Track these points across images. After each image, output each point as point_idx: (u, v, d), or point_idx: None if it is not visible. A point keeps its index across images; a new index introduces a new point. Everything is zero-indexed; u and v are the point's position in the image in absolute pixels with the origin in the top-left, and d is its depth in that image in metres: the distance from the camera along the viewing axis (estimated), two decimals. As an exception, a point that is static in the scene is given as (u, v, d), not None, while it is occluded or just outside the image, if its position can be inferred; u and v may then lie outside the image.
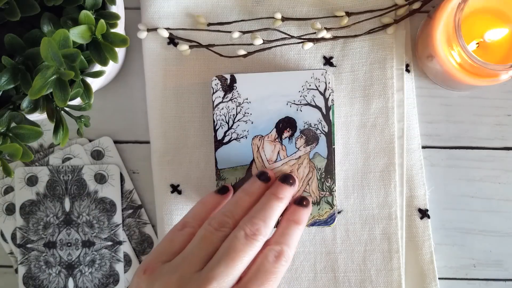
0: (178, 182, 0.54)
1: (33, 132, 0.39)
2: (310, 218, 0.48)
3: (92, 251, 0.54)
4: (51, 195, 0.54)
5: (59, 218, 0.54)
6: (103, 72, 0.42)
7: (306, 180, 0.48)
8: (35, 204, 0.54)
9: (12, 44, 0.39)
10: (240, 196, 0.44)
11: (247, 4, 0.54)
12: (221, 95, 0.49)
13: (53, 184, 0.54)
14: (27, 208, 0.54)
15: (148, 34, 0.53)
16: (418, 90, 0.55)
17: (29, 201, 0.54)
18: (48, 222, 0.54)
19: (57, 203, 0.54)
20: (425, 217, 0.53)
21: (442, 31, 0.47)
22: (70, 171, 0.54)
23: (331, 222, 0.49)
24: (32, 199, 0.54)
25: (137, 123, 0.56)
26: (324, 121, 0.48)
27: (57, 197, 0.54)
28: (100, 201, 0.54)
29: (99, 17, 0.40)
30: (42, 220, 0.54)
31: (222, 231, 0.41)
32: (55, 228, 0.54)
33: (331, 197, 0.48)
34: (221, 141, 0.49)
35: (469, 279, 0.55)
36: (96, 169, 0.55)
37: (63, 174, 0.54)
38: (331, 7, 0.53)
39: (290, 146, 0.48)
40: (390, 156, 0.53)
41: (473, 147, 0.55)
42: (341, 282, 0.53)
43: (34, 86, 0.36)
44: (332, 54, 0.54)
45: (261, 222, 0.41)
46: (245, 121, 0.49)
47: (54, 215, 0.54)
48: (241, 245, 0.39)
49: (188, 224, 0.43)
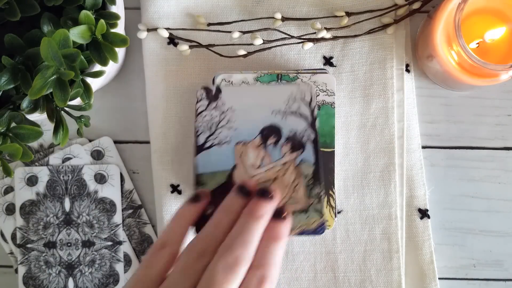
0: (178, 182, 0.54)
1: (33, 132, 0.39)
2: (298, 227, 0.47)
3: (92, 251, 0.54)
4: (51, 195, 0.54)
5: (59, 218, 0.54)
6: (103, 72, 0.42)
7: (292, 186, 0.47)
8: (35, 204, 0.54)
9: (12, 44, 0.39)
10: (220, 217, 0.41)
11: (247, 4, 0.54)
12: (205, 103, 0.48)
13: (53, 184, 0.54)
14: (27, 208, 0.54)
15: (148, 34, 0.53)
16: (418, 90, 0.55)
17: (29, 201, 0.54)
18: (48, 222, 0.54)
19: (57, 203, 0.54)
20: (425, 217, 0.53)
21: (442, 31, 0.47)
22: (70, 171, 0.54)
23: (321, 231, 0.46)
24: (32, 199, 0.54)
25: (137, 123, 0.56)
26: (310, 129, 0.47)
27: (57, 197, 0.54)
28: (100, 201, 0.54)
29: (99, 17, 0.40)
30: (42, 220, 0.54)
31: (202, 261, 0.38)
32: (55, 228, 0.54)
33: (320, 205, 0.47)
34: (201, 146, 0.48)
35: (469, 279, 0.55)
36: (96, 169, 0.55)
37: (63, 174, 0.54)
38: (331, 7, 0.53)
39: (275, 153, 0.47)
40: (390, 156, 0.53)
41: (473, 147, 0.55)
42: (341, 282, 0.53)
43: (34, 86, 0.36)
44: (332, 54, 0.54)
45: (240, 248, 0.38)
46: (228, 128, 0.47)
47: (54, 215, 0.54)
48: (222, 277, 0.37)
49: (167, 243, 0.40)
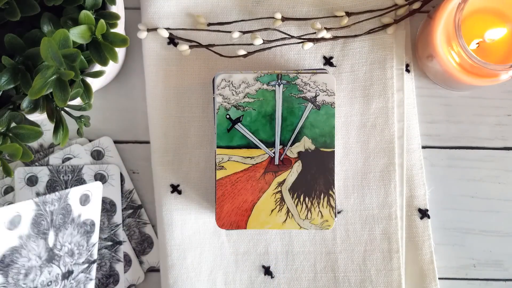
0: (178, 182, 0.54)
1: (33, 132, 0.39)
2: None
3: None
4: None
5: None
6: (103, 72, 0.42)
7: None
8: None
9: (12, 44, 0.39)
10: None
11: (247, 4, 0.54)
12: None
13: (53, 184, 0.54)
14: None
15: (148, 34, 0.53)
16: (418, 90, 0.55)
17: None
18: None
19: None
20: (425, 217, 0.53)
21: (442, 31, 0.47)
22: (70, 171, 0.54)
23: None
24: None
25: (137, 123, 0.56)
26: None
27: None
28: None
29: (99, 17, 0.40)
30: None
31: None
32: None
33: None
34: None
35: (469, 279, 0.55)
36: (96, 169, 0.54)
37: (63, 174, 0.54)
38: (331, 7, 0.53)
39: None
40: (390, 156, 0.53)
41: (473, 147, 0.55)
42: (341, 282, 0.53)
43: (34, 86, 0.36)
44: (332, 54, 0.54)
45: None
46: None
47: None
48: None
49: None
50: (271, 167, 0.49)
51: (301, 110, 0.49)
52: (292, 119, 0.49)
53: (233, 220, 0.49)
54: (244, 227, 0.49)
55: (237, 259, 0.54)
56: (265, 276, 0.54)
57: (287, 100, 0.49)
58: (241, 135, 0.49)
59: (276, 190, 0.49)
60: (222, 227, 0.49)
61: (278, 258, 0.54)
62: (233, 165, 0.49)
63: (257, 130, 0.49)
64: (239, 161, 0.49)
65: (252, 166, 0.49)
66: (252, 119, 0.49)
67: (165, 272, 0.54)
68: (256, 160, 0.49)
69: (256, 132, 0.49)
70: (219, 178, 0.49)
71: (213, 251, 0.54)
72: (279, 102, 0.49)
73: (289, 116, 0.49)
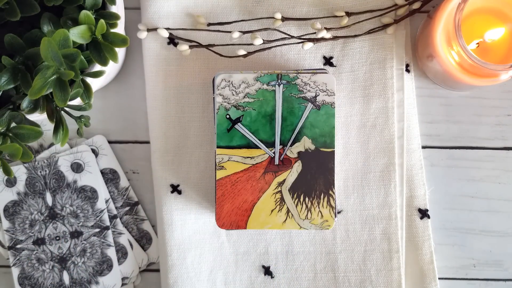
0: (178, 182, 0.54)
1: (33, 132, 0.39)
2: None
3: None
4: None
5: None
6: (103, 72, 0.42)
7: None
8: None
9: (12, 44, 0.39)
10: None
11: (247, 4, 0.54)
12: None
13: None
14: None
15: (148, 34, 0.53)
16: (418, 90, 0.55)
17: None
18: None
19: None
20: (425, 217, 0.53)
21: (442, 31, 0.47)
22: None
23: None
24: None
25: (137, 123, 0.56)
26: None
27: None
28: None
29: (99, 17, 0.40)
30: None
31: None
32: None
33: None
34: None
35: (469, 279, 0.55)
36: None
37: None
38: (331, 7, 0.53)
39: None
40: (390, 156, 0.53)
41: (473, 147, 0.55)
42: (341, 282, 0.53)
43: (34, 86, 0.36)
44: (332, 54, 0.54)
45: None
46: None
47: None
48: None
49: None
50: (271, 167, 0.49)
51: (301, 110, 0.49)
52: (292, 119, 0.49)
53: (233, 220, 0.49)
54: (244, 227, 0.49)
55: (237, 259, 0.54)
56: (265, 276, 0.54)
57: (287, 100, 0.49)
58: (241, 135, 0.49)
59: (276, 190, 0.49)
60: (222, 227, 0.49)
61: (278, 258, 0.54)
62: (233, 165, 0.49)
63: (257, 130, 0.49)
64: (239, 161, 0.49)
65: (252, 166, 0.49)
66: (252, 119, 0.49)
67: (165, 272, 0.54)
68: (256, 160, 0.49)
69: (256, 132, 0.49)
70: (219, 178, 0.49)
71: (213, 251, 0.54)
72: (279, 102, 0.49)
73: (289, 116, 0.49)
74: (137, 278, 0.55)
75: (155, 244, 0.55)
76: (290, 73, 0.49)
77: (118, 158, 0.55)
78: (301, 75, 0.49)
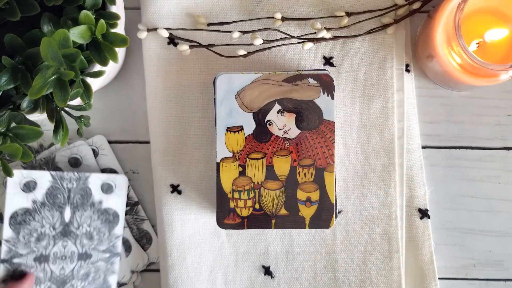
0: (178, 182, 0.54)
1: (33, 132, 0.39)
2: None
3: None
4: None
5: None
6: (103, 72, 0.42)
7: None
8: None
9: (12, 44, 0.39)
10: None
11: (247, 4, 0.54)
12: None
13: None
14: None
15: (148, 34, 0.53)
16: (418, 90, 0.55)
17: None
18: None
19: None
20: (425, 217, 0.53)
21: (442, 31, 0.47)
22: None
23: None
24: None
25: (137, 123, 0.56)
26: None
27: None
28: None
29: (99, 17, 0.40)
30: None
31: None
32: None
33: None
34: None
35: (469, 279, 0.55)
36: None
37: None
38: (331, 7, 0.53)
39: None
40: (390, 156, 0.53)
41: (473, 147, 0.55)
42: (341, 282, 0.53)
43: (34, 86, 0.36)
44: (332, 54, 0.54)
45: None
46: None
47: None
48: None
49: None
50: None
51: None
52: None
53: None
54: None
55: (237, 259, 0.54)
56: (265, 276, 0.54)
57: None
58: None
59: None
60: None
61: (278, 258, 0.54)
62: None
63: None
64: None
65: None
66: None
67: (165, 272, 0.54)
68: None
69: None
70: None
71: (213, 251, 0.54)
72: None
73: None
74: (137, 278, 0.55)
75: (155, 244, 0.55)
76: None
77: (118, 158, 0.55)
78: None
